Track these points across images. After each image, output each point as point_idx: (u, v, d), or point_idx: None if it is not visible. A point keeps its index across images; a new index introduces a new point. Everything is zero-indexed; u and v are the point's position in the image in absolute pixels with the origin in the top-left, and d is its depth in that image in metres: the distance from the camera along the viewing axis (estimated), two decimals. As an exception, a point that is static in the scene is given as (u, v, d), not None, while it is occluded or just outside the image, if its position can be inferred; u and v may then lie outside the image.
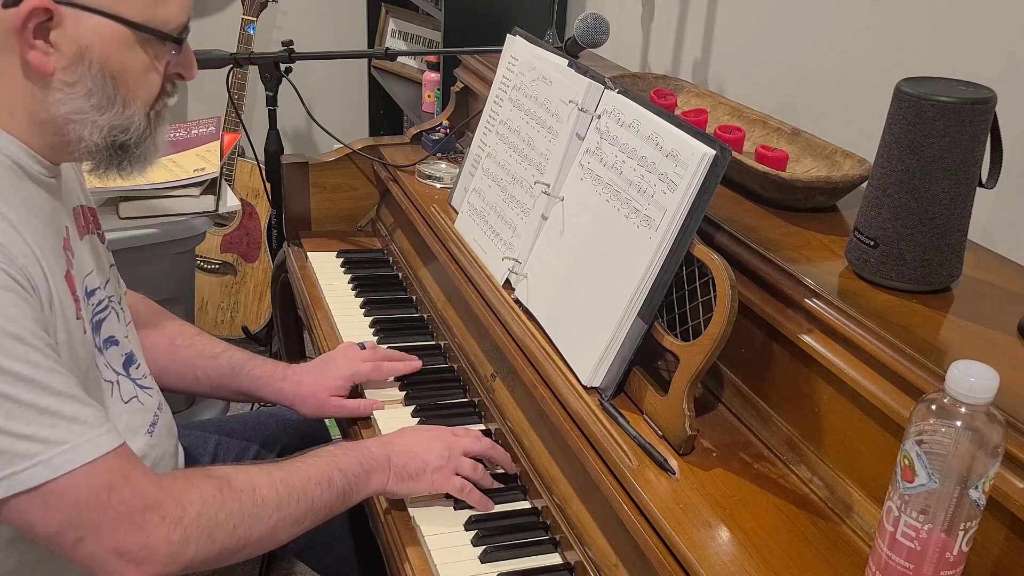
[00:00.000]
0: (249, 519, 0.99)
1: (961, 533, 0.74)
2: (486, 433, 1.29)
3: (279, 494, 1.02)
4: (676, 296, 1.11)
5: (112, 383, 1.11)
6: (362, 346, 1.42)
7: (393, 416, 1.33)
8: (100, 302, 1.13)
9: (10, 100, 0.95)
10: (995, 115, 0.97)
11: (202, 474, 1.00)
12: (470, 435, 1.20)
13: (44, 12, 0.91)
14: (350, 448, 1.14)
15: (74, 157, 1.04)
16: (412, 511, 1.15)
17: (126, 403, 1.13)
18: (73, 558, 0.91)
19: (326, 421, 1.55)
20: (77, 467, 0.88)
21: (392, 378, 1.40)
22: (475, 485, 1.16)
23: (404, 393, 1.37)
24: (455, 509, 1.15)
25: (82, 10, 0.93)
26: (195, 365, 1.35)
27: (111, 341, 1.14)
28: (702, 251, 1.04)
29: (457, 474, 1.15)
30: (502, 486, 1.19)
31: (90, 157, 1.03)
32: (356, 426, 1.34)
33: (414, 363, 1.41)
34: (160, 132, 1.05)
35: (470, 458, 1.18)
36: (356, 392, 1.38)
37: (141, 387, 1.18)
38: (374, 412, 1.34)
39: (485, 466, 1.20)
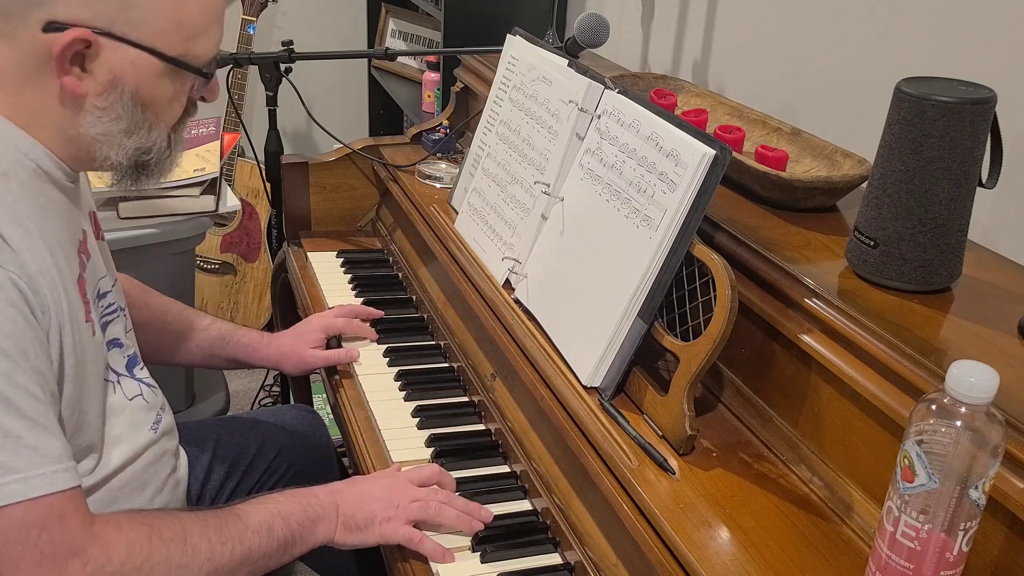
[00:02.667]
0: (177, 569, 0.96)
1: (961, 533, 0.74)
2: (485, 433, 1.30)
3: (211, 544, 0.99)
4: (676, 296, 1.11)
5: (113, 383, 1.12)
6: None
7: (394, 414, 1.33)
8: (110, 305, 1.14)
9: (41, 113, 0.97)
10: (995, 115, 0.97)
11: (134, 520, 0.97)
12: (427, 488, 1.14)
13: (83, 42, 0.93)
14: (297, 495, 1.10)
15: (96, 169, 1.06)
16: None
17: (130, 400, 1.14)
18: None
19: (324, 421, 1.56)
20: (20, 500, 0.87)
21: (393, 378, 1.41)
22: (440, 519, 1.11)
23: (404, 393, 1.38)
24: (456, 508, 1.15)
25: (121, 42, 0.95)
26: (187, 338, 1.42)
27: (115, 343, 1.15)
28: (702, 251, 1.04)
29: (409, 520, 1.10)
30: (472, 528, 1.11)
31: (112, 171, 1.06)
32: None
33: (378, 312, 1.54)
34: (177, 148, 1.09)
35: (422, 487, 1.14)
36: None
37: (147, 385, 1.19)
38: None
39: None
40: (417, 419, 1.32)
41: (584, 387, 1.12)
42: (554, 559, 1.08)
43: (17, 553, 0.87)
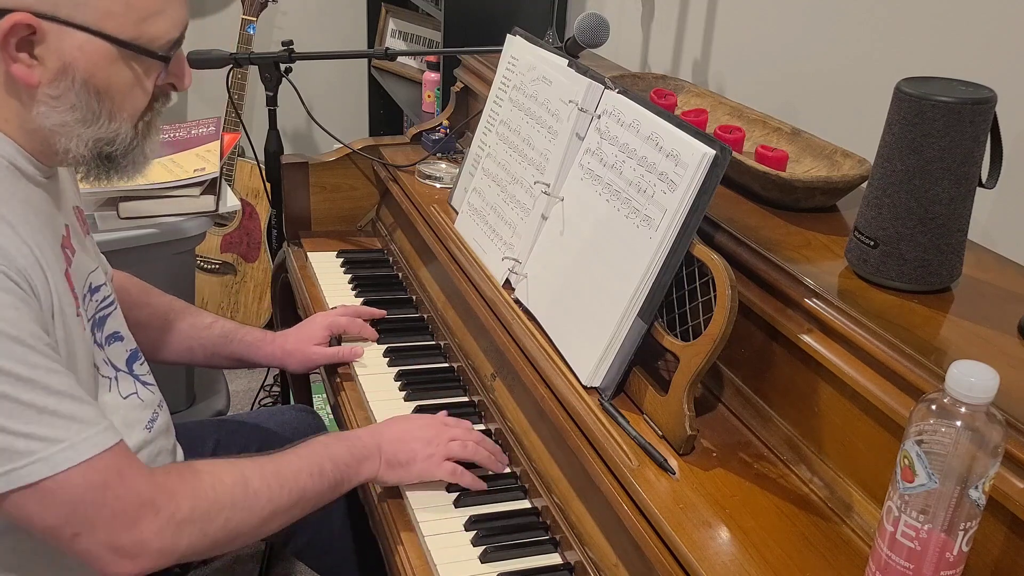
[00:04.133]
0: (241, 512, 1.00)
1: (961, 533, 0.74)
2: (486, 433, 1.30)
3: (271, 487, 1.03)
4: (676, 296, 1.11)
5: (110, 379, 1.12)
6: None
7: (395, 414, 1.32)
8: (106, 298, 1.14)
9: (4, 107, 0.95)
10: (995, 115, 0.97)
11: (194, 468, 1.01)
12: (461, 426, 1.22)
13: (26, 27, 0.90)
14: (341, 437, 1.15)
15: (61, 163, 1.04)
16: (412, 510, 1.15)
17: (124, 399, 1.13)
18: (70, 551, 0.93)
19: (324, 421, 1.56)
20: (74, 464, 0.89)
21: (393, 378, 1.41)
22: (470, 465, 1.19)
23: (404, 393, 1.38)
24: (455, 507, 1.15)
25: (66, 26, 0.92)
26: (189, 336, 1.41)
27: (115, 337, 1.14)
28: (702, 251, 1.04)
29: (448, 458, 1.17)
30: (497, 471, 1.21)
31: (78, 165, 1.04)
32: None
33: (380, 312, 1.55)
34: (149, 141, 1.05)
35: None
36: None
37: (143, 383, 1.19)
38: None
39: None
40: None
41: (584, 387, 1.12)
42: (554, 559, 1.08)
43: (90, 514, 0.91)
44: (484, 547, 1.09)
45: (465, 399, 1.38)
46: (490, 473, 1.21)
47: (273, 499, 1.03)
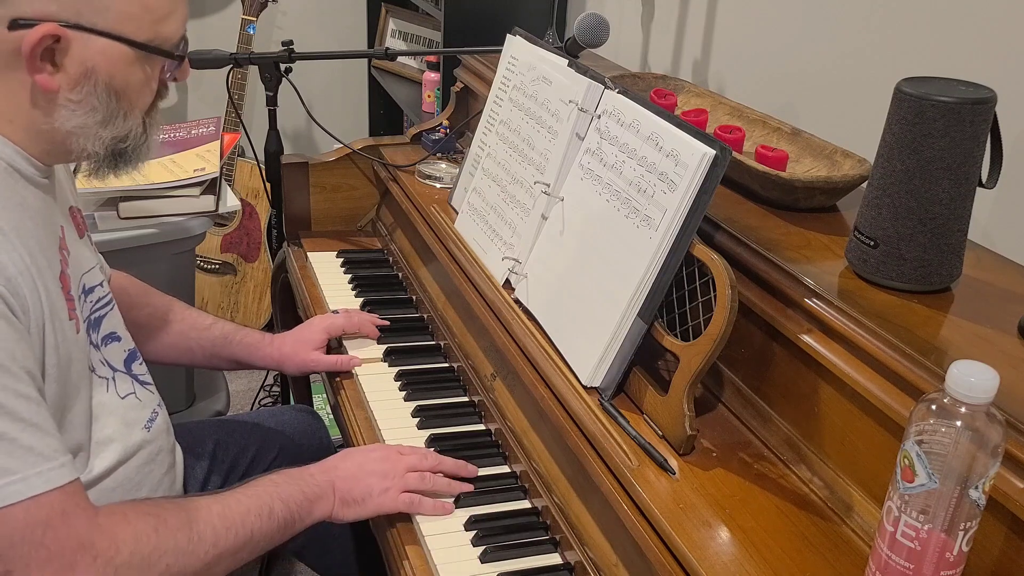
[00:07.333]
0: (184, 556, 0.97)
1: (961, 533, 0.74)
2: (485, 433, 1.30)
3: (216, 529, 1.00)
4: (676, 296, 1.11)
5: (107, 379, 1.11)
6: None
7: (394, 414, 1.33)
8: (101, 299, 1.13)
9: (11, 110, 0.96)
10: (995, 115, 0.97)
11: (139, 510, 0.97)
12: (416, 453, 1.19)
13: (52, 37, 0.92)
14: (293, 476, 1.12)
15: (72, 161, 1.05)
16: (412, 511, 1.15)
17: (122, 399, 1.13)
18: None
19: (324, 421, 1.56)
20: (20, 500, 0.87)
21: (393, 378, 1.41)
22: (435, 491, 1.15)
23: (404, 393, 1.38)
24: (456, 507, 1.15)
25: (89, 33, 0.94)
26: (188, 337, 1.41)
27: (112, 337, 1.14)
28: (702, 251, 1.04)
29: (406, 491, 1.14)
30: (463, 491, 1.17)
31: (88, 161, 1.04)
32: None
33: (382, 321, 1.53)
34: (153, 133, 1.07)
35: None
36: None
37: (142, 383, 1.18)
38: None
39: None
40: (417, 419, 1.32)
41: (584, 387, 1.12)
42: (554, 559, 1.08)
43: (25, 553, 0.87)
44: (484, 547, 1.09)
45: (465, 399, 1.38)
46: (486, 473, 1.21)
47: (218, 543, 1.00)
